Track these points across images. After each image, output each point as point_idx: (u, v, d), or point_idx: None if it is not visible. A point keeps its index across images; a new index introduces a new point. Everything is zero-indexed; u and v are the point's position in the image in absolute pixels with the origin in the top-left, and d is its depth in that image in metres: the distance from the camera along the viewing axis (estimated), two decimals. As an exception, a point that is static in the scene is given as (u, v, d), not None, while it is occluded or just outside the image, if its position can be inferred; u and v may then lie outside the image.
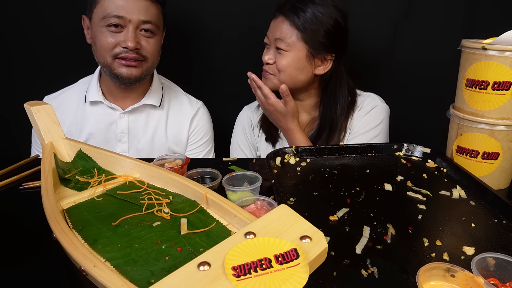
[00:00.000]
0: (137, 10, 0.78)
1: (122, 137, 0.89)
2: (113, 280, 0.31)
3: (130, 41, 0.78)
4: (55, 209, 0.42)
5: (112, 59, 0.81)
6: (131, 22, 0.78)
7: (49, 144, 0.57)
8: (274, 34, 0.82)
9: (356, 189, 0.59)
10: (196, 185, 0.48)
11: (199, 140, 0.96)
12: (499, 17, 0.97)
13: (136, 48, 0.79)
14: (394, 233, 0.47)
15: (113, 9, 0.77)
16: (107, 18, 0.77)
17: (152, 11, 0.81)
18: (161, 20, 0.85)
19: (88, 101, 0.88)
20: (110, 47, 0.79)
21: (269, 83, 0.86)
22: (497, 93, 0.58)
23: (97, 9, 0.79)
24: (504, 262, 0.39)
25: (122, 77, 0.82)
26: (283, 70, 0.82)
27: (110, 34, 0.79)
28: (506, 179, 0.64)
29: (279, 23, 0.81)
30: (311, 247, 0.33)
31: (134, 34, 0.79)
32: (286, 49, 0.80)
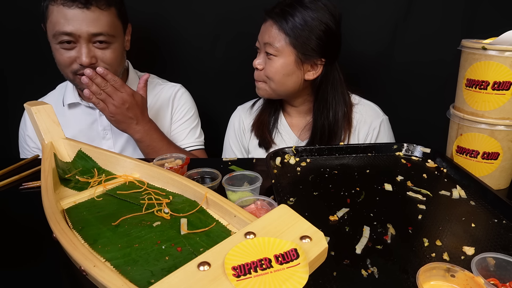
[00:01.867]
0: (85, 23, 0.74)
1: (105, 134, 0.89)
2: (113, 280, 0.31)
3: (84, 57, 0.75)
4: (55, 209, 0.42)
5: (73, 75, 0.79)
6: (81, 37, 0.75)
7: (49, 144, 0.57)
8: (263, 38, 0.81)
9: (356, 189, 0.59)
10: (196, 185, 0.48)
11: (183, 117, 0.95)
12: (499, 17, 0.97)
13: (91, 63, 0.76)
14: (394, 233, 0.47)
15: (61, 26, 0.73)
16: (57, 36, 0.75)
17: (103, 21, 0.76)
18: (116, 25, 0.80)
19: (66, 104, 0.88)
20: (67, 64, 0.77)
21: (262, 92, 0.85)
22: (497, 93, 0.58)
23: (48, 25, 0.76)
24: (504, 262, 0.39)
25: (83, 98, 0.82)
26: (271, 76, 0.81)
27: (64, 51, 0.76)
28: (506, 179, 0.64)
29: (268, 27, 0.80)
30: (311, 247, 0.33)
31: (87, 49, 0.75)
32: (275, 53, 0.79)
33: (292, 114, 0.93)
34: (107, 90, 0.75)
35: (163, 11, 1.03)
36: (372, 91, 0.95)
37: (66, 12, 0.73)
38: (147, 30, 1.04)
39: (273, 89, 0.83)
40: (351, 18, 1.02)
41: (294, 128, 0.92)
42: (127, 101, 0.77)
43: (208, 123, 1.04)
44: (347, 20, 1.01)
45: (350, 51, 1.03)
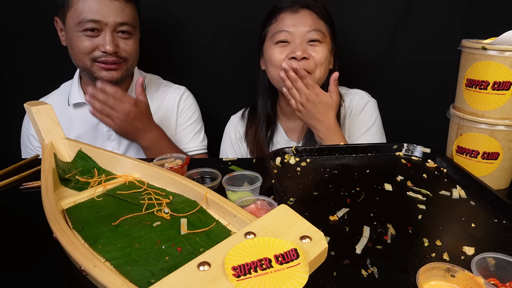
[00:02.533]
0: (112, 12, 0.77)
1: (110, 135, 0.89)
2: (113, 280, 0.31)
3: (108, 45, 0.77)
4: (55, 209, 0.42)
5: (91, 62, 0.80)
6: (108, 25, 0.77)
7: (49, 144, 0.57)
8: (303, 26, 0.79)
9: (356, 189, 0.59)
10: (196, 185, 0.48)
11: (187, 121, 0.96)
12: (499, 17, 0.97)
13: (115, 51, 0.78)
14: (394, 233, 0.47)
15: (88, 13, 0.75)
16: (82, 23, 0.76)
17: (127, 12, 0.79)
18: (137, 19, 0.84)
19: (71, 103, 0.88)
20: (88, 51, 0.78)
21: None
22: (497, 93, 0.58)
23: (70, 13, 0.77)
24: (504, 262, 0.39)
25: (103, 80, 0.81)
26: (321, 63, 0.80)
27: (86, 38, 0.77)
28: (506, 179, 0.64)
29: (305, 16, 0.80)
30: (311, 247, 0.33)
31: (111, 37, 0.77)
32: (322, 40, 0.80)
33: (289, 117, 0.91)
34: (110, 104, 0.76)
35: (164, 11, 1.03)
36: (372, 91, 0.95)
37: (95, 1, 0.76)
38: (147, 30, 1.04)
39: (318, 78, 0.81)
40: (351, 19, 1.02)
41: (291, 133, 0.91)
42: (131, 111, 0.77)
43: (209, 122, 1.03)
44: (347, 21, 1.01)
45: (350, 52, 1.03)
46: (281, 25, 0.81)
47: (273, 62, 0.82)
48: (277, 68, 0.81)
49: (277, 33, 0.81)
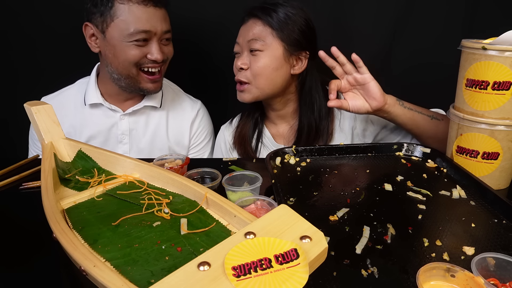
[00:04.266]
0: (159, 21, 0.78)
1: (122, 138, 0.89)
2: (113, 280, 0.31)
3: (158, 54, 0.78)
4: (55, 209, 0.42)
5: (137, 71, 0.81)
6: (156, 34, 0.78)
7: (49, 144, 0.57)
8: (246, 37, 0.80)
9: (356, 189, 0.59)
10: (196, 185, 0.48)
11: (200, 142, 0.97)
12: (499, 17, 0.97)
13: (163, 59, 0.81)
14: (394, 233, 0.47)
15: (137, 24, 0.76)
16: (133, 34, 0.76)
17: (167, 19, 0.81)
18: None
19: (88, 103, 0.88)
20: (137, 59, 0.79)
21: (247, 95, 0.82)
22: (497, 93, 0.58)
23: (115, 23, 0.77)
24: (504, 262, 0.39)
25: (148, 92, 0.84)
26: (259, 72, 0.79)
27: (136, 47, 0.78)
28: (506, 179, 0.64)
29: (251, 25, 0.80)
30: (311, 247, 0.33)
31: (159, 45, 0.79)
32: (262, 48, 0.78)
33: (276, 122, 0.91)
34: None
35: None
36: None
37: (143, 10, 0.76)
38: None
39: (261, 88, 0.81)
40: (351, 19, 1.01)
41: (279, 138, 0.91)
42: None
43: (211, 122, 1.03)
44: (347, 21, 1.01)
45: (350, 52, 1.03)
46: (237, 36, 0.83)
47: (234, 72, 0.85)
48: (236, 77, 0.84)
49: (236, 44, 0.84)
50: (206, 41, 1.07)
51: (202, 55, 1.08)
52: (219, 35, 1.05)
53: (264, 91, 0.82)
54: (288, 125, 0.90)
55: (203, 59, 1.09)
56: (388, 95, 0.75)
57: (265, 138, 0.92)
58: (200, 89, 1.07)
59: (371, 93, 0.74)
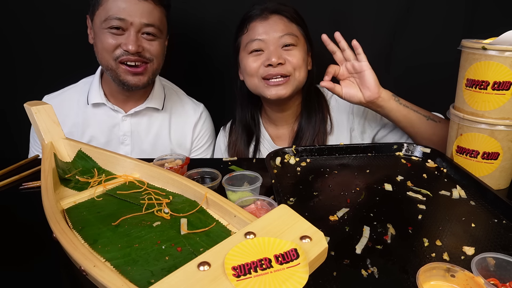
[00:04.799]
0: (139, 13, 0.77)
1: (124, 139, 0.89)
2: (113, 280, 0.31)
3: (131, 45, 0.77)
4: (55, 209, 0.42)
5: (116, 64, 0.80)
6: (133, 25, 0.77)
7: (49, 144, 0.57)
8: (275, 33, 0.78)
9: (356, 189, 0.59)
10: (196, 185, 0.48)
11: (203, 145, 0.97)
12: (499, 17, 0.97)
13: (138, 51, 0.78)
14: (394, 233, 0.47)
15: (115, 11, 0.76)
16: (108, 20, 0.76)
17: (155, 14, 0.80)
18: (164, 23, 0.84)
19: (90, 103, 0.88)
20: (111, 48, 0.78)
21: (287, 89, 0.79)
22: (497, 93, 0.58)
23: (99, 11, 0.78)
24: (504, 262, 0.39)
25: (128, 85, 0.82)
26: (300, 65, 0.79)
27: (111, 35, 0.78)
28: (506, 179, 0.64)
29: (277, 22, 0.80)
30: (311, 247, 0.33)
31: (135, 37, 0.77)
32: (295, 43, 0.80)
33: (277, 124, 0.91)
34: None
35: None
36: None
37: (122, 0, 0.76)
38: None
39: (299, 81, 0.81)
40: (351, 19, 1.01)
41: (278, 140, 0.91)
42: None
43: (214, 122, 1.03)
44: (347, 21, 1.01)
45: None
46: (253, 34, 0.80)
47: (248, 71, 0.82)
48: (253, 76, 0.81)
49: (250, 43, 0.80)
50: (205, 40, 1.07)
51: (201, 55, 1.08)
52: (218, 35, 1.05)
53: (300, 84, 0.82)
54: (288, 127, 0.90)
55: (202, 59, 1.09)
56: (384, 90, 0.76)
57: (264, 141, 0.91)
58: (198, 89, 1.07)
59: (366, 82, 0.74)
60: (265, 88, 0.80)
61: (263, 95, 0.82)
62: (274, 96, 0.80)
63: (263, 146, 0.91)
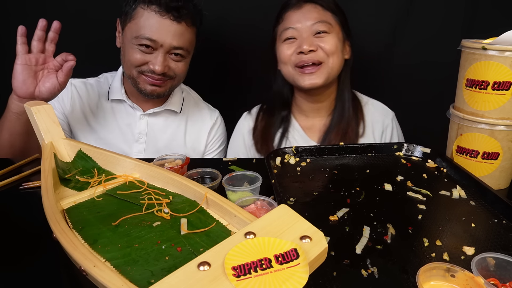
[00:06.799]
0: (171, 35, 0.77)
1: (139, 137, 0.90)
2: (113, 280, 0.31)
3: (158, 66, 0.78)
4: (55, 209, 0.42)
5: (137, 74, 0.81)
6: (163, 46, 0.78)
7: (49, 144, 0.57)
8: (308, 21, 0.79)
9: (356, 189, 0.59)
10: (196, 185, 0.48)
11: (215, 150, 0.98)
12: (499, 17, 0.97)
13: (164, 71, 0.80)
14: (394, 233, 0.47)
15: (147, 31, 0.76)
16: (139, 39, 0.77)
17: (186, 36, 0.80)
18: (193, 43, 0.84)
19: (111, 98, 0.89)
20: (138, 64, 0.79)
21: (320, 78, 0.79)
22: (497, 93, 0.58)
23: (131, 24, 0.78)
24: (504, 262, 0.39)
25: (145, 93, 0.83)
26: (333, 52, 0.79)
27: (139, 52, 0.78)
28: (506, 179, 0.64)
29: (310, 10, 0.81)
30: (311, 247, 0.33)
31: (163, 59, 0.78)
32: (329, 30, 0.80)
33: (309, 115, 0.90)
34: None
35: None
36: (372, 91, 0.95)
37: (157, 20, 0.76)
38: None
39: (332, 67, 0.81)
40: (351, 18, 1.01)
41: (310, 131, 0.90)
42: None
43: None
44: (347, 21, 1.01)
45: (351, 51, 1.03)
46: (287, 22, 0.82)
47: (282, 59, 0.83)
48: (287, 64, 0.83)
49: (284, 31, 0.82)
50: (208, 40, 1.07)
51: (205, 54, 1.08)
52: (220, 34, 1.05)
53: (333, 71, 0.82)
54: (320, 120, 0.90)
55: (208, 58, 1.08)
56: None
57: (294, 131, 0.90)
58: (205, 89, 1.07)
59: None
60: (299, 76, 0.82)
61: (297, 83, 0.83)
62: (308, 85, 0.81)
63: (292, 136, 0.90)
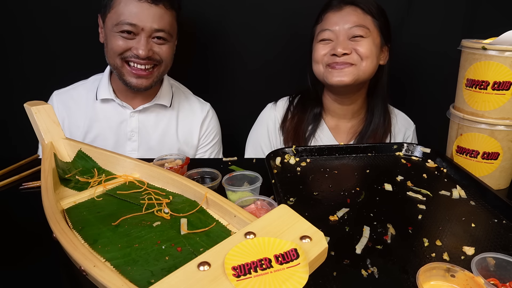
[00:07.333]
0: (150, 18, 0.78)
1: (132, 135, 0.90)
2: (113, 280, 0.31)
3: (142, 50, 0.78)
4: (55, 209, 0.42)
5: (121, 63, 0.81)
6: (144, 30, 0.78)
7: (49, 144, 0.57)
8: (346, 23, 0.80)
9: (356, 189, 0.59)
10: (196, 185, 0.48)
11: (209, 143, 0.97)
12: (499, 17, 0.97)
13: (148, 55, 0.79)
14: (394, 233, 0.47)
15: (126, 16, 0.77)
16: (120, 25, 0.77)
17: (166, 19, 0.80)
18: (174, 27, 0.84)
19: (99, 98, 0.88)
20: (121, 50, 0.79)
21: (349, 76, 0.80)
22: (497, 93, 0.58)
23: (111, 14, 0.79)
24: (504, 262, 0.39)
25: (131, 86, 0.82)
26: (367, 56, 0.80)
27: (121, 38, 0.79)
28: (506, 179, 0.64)
29: (350, 13, 0.80)
30: (311, 247, 0.33)
31: (146, 42, 0.78)
32: (365, 35, 0.80)
33: (338, 117, 0.90)
34: None
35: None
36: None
37: (135, 4, 0.77)
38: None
39: (364, 71, 0.81)
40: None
41: (338, 133, 0.90)
42: None
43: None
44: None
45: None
46: (326, 24, 0.83)
47: (315, 58, 0.84)
48: (319, 64, 0.84)
49: (321, 32, 0.83)
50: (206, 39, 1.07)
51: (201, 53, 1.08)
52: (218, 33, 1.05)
53: (364, 74, 0.82)
54: (347, 123, 0.90)
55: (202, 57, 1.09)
56: None
57: (321, 130, 0.90)
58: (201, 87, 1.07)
59: None
60: (328, 73, 0.82)
61: (326, 80, 0.83)
62: (336, 82, 0.81)
63: (319, 135, 0.90)
